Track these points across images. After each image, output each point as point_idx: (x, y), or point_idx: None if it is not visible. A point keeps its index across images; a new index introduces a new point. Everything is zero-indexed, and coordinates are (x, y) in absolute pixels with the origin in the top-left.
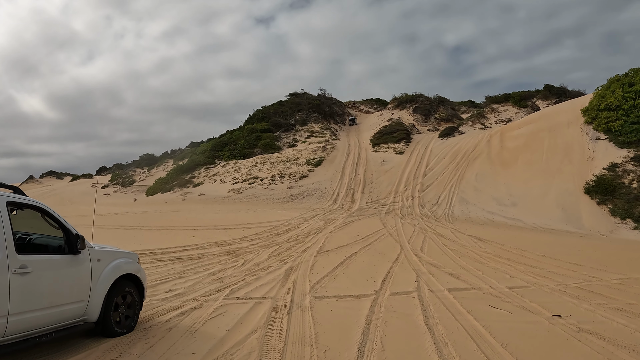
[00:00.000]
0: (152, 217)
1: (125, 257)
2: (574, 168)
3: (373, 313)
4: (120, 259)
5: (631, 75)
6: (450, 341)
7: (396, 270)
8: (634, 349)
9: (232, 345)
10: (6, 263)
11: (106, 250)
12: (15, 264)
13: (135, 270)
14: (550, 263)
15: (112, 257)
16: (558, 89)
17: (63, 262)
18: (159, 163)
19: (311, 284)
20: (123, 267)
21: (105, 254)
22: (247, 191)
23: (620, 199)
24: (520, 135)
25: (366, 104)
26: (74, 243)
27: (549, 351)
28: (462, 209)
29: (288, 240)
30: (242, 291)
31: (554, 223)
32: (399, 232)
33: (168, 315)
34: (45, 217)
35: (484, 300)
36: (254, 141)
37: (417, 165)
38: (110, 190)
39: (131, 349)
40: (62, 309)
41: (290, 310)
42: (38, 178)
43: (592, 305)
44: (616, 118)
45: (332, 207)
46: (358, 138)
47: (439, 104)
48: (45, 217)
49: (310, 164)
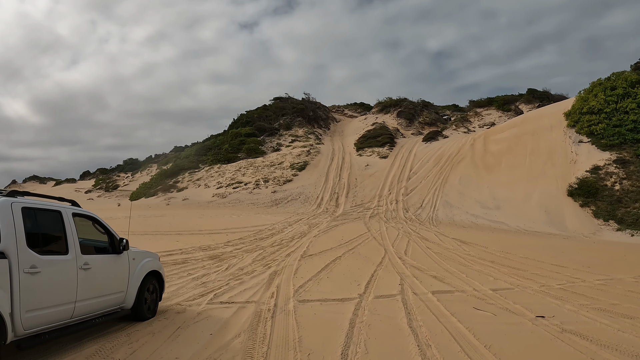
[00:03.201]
0: (135, 222)
1: (151, 257)
2: (557, 171)
3: (357, 316)
4: (147, 258)
5: (613, 79)
6: (433, 343)
7: (380, 273)
8: (617, 349)
9: (216, 350)
10: (75, 262)
11: (138, 251)
12: (81, 262)
13: (158, 267)
14: (533, 265)
15: (143, 257)
16: (541, 93)
17: (110, 261)
18: (142, 168)
19: (295, 288)
20: (150, 264)
21: (138, 254)
22: (231, 196)
23: (603, 201)
24: (504, 139)
25: (350, 109)
26: (117, 245)
27: (532, 352)
28: (446, 213)
29: (272, 244)
30: (225, 295)
31: (537, 225)
32: (383, 235)
33: (151, 320)
34: (95, 225)
35: (467, 302)
36: (238, 146)
37: (401, 169)
38: (93, 195)
39: (114, 354)
40: (109, 297)
41: (273, 314)
42: (21, 183)
43: (576, 306)
44: (599, 121)
45: (317, 211)
46: (342, 142)
47: (422, 108)
48: (95, 225)
49: (295, 169)
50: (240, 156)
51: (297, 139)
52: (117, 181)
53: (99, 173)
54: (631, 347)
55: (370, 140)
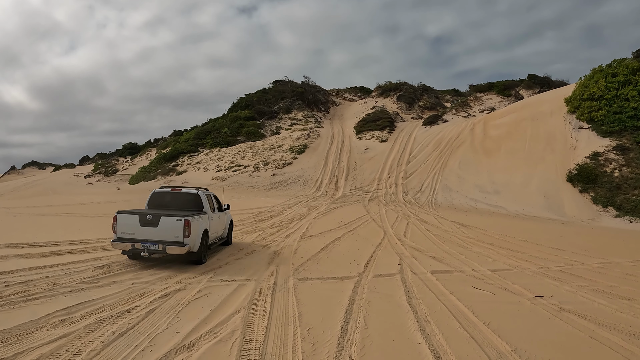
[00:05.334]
0: (135, 205)
1: (229, 214)
2: (557, 157)
3: (356, 294)
4: (229, 214)
5: (614, 65)
6: (433, 320)
7: (379, 254)
8: (615, 328)
9: (216, 324)
10: (209, 215)
11: (228, 210)
12: (212, 215)
13: (231, 219)
14: (532, 248)
15: (228, 213)
16: (542, 79)
17: (222, 214)
18: (142, 152)
19: (295, 266)
20: (230, 217)
21: (227, 212)
22: (231, 179)
23: (602, 187)
24: (504, 124)
25: (350, 92)
26: (223, 207)
27: (531, 329)
28: (445, 196)
29: (272, 226)
30: (225, 274)
31: (536, 210)
32: (382, 218)
33: (151, 297)
34: (216, 197)
35: (466, 282)
36: (238, 129)
37: (400, 152)
38: (93, 180)
39: (118, 322)
40: (220, 232)
41: (273, 291)
42: (20, 169)
43: (574, 287)
44: (599, 108)
45: (316, 194)
46: (342, 126)
47: (422, 92)
48: (216, 197)
49: (294, 152)
50: (240, 139)
51: (296, 122)
52: (116, 165)
53: (98, 158)
54: (629, 326)
55: (369, 123)
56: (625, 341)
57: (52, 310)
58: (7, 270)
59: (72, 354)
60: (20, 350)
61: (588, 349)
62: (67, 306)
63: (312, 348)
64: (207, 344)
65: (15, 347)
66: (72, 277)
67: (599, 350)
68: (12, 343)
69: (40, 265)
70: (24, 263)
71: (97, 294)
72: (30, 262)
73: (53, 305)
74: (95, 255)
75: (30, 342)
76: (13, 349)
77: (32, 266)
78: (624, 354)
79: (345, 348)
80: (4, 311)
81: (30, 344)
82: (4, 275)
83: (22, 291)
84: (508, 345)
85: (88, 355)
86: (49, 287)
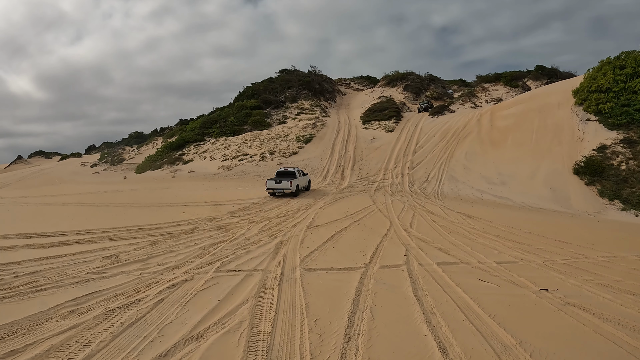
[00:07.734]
0: (142, 194)
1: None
2: (564, 149)
3: (363, 285)
4: (308, 176)
5: (623, 57)
6: (439, 311)
7: (386, 244)
8: (619, 322)
9: (224, 315)
10: (298, 179)
11: (307, 175)
12: (300, 178)
13: (310, 179)
14: (538, 240)
15: (308, 176)
16: (549, 70)
17: (304, 177)
18: (148, 141)
19: (301, 257)
20: (309, 178)
21: (307, 176)
22: (237, 168)
23: (608, 180)
24: (511, 115)
25: (356, 82)
26: (305, 174)
27: (535, 322)
28: (452, 187)
29: (278, 215)
30: (232, 264)
31: (542, 202)
32: (388, 208)
33: (159, 287)
34: (302, 170)
35: (472, 274)
36: (244, 118)
37: (407, 143)
38: (99, 169)
39: (126, 312)
40: (302, 185)
41: (280, 282)
42: (27, 158)
43: (579, 281)
44: (607, 100)
45: (322, 183)
46: (348, 115)
47: (429, 82)
48: (302, 170)
49: (300, 141)
50: (246, 129)
51: (303, 111)
52: (122, 154)
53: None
54: (633, 322)
55: (376, 113)
56: (630, 336)
57: (61, 301)
58: (15, 260)
59: (82, 345)
60: (30, 342)
61: (592, 343)
62: (76, 297)
63: (319, 339)
64: (215, 334)
65: (26, 339)
66: (80, 268)
67: (603, 345)
68: (23, 334)
69: (48, 256)
70: (32, 253)
71: (106, 284)
72: (39, 252)
73: (62, 296)
74: (102, 245)
75: (40, 333)
76: (23, 340)
77: (40, 256)
78: (627, 349)
79: (352, 339)
80: (14, 302)
81: (40, 335)
82: (12, 265)
83: (31, 282)
84: (513, 339)
85: (98, 347)
86: (57, 277)
